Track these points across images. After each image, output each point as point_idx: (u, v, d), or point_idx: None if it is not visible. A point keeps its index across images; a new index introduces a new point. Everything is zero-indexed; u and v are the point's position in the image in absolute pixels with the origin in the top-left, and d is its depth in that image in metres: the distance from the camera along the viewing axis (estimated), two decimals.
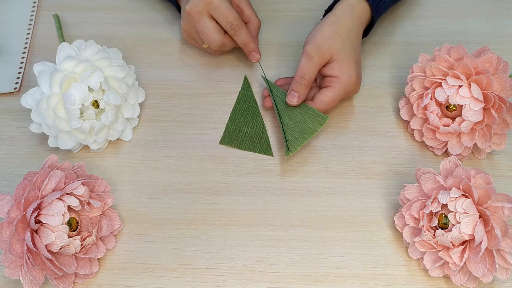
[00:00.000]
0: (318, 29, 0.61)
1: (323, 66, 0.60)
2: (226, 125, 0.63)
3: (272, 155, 0.60)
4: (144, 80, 0.67)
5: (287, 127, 0.59)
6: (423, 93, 0.59)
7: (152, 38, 0.72)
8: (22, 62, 0.69)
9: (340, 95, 0.60)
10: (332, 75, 0.59)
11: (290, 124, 0.59)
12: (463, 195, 0.49)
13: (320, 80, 0.62)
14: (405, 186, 0.53)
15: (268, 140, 0.61)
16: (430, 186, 0.52)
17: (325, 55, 0.59)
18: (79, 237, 0.50)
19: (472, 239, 0.49)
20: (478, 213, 0.49)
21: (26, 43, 0.71)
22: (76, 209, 0.51)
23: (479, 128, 0.56)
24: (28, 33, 0.72)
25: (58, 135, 0.58)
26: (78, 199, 0.50)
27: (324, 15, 0.66)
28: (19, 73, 0.68)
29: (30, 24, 0.73)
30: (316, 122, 0.59)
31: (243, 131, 0.62)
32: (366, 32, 0.65)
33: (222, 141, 0.61)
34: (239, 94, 0.65)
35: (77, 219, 0.51)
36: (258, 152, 0.60)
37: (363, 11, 0.62)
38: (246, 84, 0.66)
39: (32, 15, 0.74)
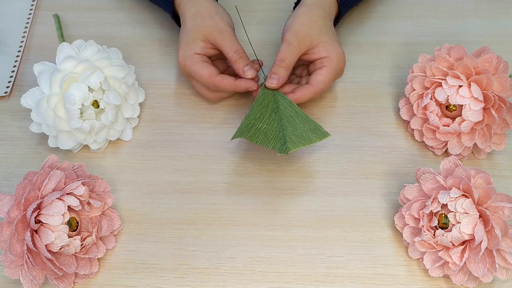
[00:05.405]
0: (293, 19, 0.62)
1: (307, 53, 0.61)
2: (242, 122, 0.59)
3: (287, 152, 0.55)
4: (144, 80, 0.67)
5: (286, 129, 0.58)
6: (423, 93, 0.59)
7: (152, 38, 0.72)
8: (16, 61, 0.69)
9: (334, 73, 0.61)
10: (320, 56, 0.61)
11: (288, 128, 0.58)
12: (463, 195, 0.49)
13: (309, 69, 0.63)
14: (405, 186, 0.53)
15: (285, 138, 0.57)
16: (430, 186, 0.52)
17: (304, 41, 0.60)
18: (79, 237, 0.50)
19: (472, 239, 0.49)
20: (478, 213, 0.49)
21: (22, 41, 0.71)
22: (76, 209, 0.51)
23: (479, 128, 0.56)
24: (25, 32, 0.72)
25: (58, 135, 0.58)
26: (78, 199, 0.50)
27: (294, 7, 0.67)
28: (12, 71, 0.68)
29: (27, 23, 0.73)
30: (315, 135, 0.57)
31: (257, 126, 0.58)
32: (335, 23, 0.67)
33: (234, 136, 0.57)
34: (260, 91, 0.62)
35: (77, 219, 0.51)
36: (272, 148, 0.56)
37: (331, 2, 0.65)
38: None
39: (29, 15, 0.74)
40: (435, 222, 0.50)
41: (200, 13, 0.62)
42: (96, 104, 0.57)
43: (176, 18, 0.68)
